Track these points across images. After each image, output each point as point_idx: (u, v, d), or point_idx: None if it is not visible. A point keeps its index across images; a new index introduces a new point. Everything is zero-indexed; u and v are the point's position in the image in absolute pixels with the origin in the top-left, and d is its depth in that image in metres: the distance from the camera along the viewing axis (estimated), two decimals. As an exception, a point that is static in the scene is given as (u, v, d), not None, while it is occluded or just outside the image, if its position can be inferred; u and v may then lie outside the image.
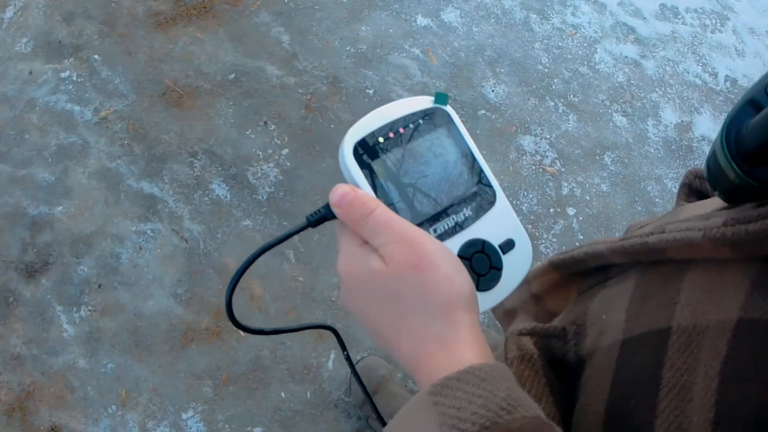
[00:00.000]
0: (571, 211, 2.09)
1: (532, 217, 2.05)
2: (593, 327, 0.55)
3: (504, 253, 0.53)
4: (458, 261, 0.47)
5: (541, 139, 2.20)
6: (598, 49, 2.43)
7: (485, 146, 2.14)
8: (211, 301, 1.79)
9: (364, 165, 0.51)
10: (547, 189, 2.11)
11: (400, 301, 0.45)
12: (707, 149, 2.29)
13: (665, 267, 0.48)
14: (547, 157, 2.17)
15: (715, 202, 0.52)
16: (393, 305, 0.45)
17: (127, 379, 1.70)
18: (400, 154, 0.52)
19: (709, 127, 2.34)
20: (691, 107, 2.38)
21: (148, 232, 1.87)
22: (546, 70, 2.34)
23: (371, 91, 2.19)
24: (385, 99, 2.16)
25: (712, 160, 0.46)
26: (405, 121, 0.53)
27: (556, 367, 0.57)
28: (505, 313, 0.75)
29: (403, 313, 0.45)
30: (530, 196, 2.09)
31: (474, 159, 0.54)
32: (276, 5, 2.30)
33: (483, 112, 2.21)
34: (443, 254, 0.46)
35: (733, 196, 0.47)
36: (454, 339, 0.43)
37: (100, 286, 1.79)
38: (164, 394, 1.69)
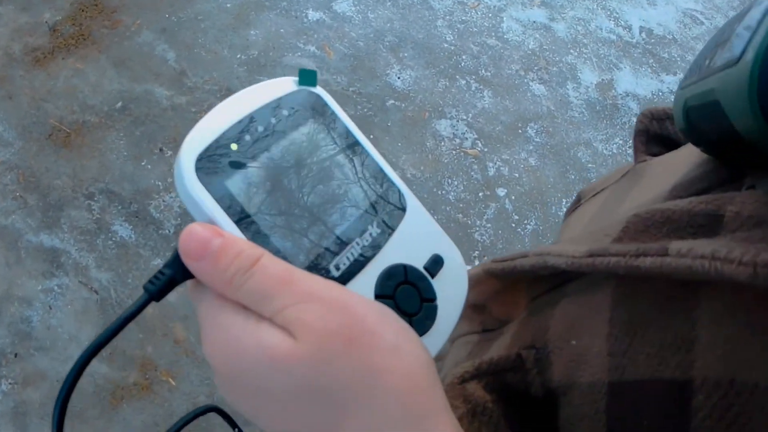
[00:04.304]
0: (501, 191, 2.13)
1: (461, 206, 2.07)
2: (560, 353, 0.43)
3: (433, 276, 0.40)
4: (395, 317, 0.33)
5: (458, 121, 2.24)
6: (505, 18, 2.47)
7: (399, 137, 2.17)
8: (135, 354, 1.80)
9: (216, 188, 0.34)
10: (472, 173, 2.15)
11: (331, 398, 0.30)
12: (632, 105, 2.36)
13: (662, 282, 0.35)
14: (466, 139, 2.21)
15: (689, 156, 0.44)
16: (318, 408, 0.30)
17: (63, 451, 1.72)
18: (265, 163, 0.36)
19: (631, 81, 2.42)
20: (609, 64, 2.45)
21: (56, 288, 1.87)
22: (452, 48, 2.37)
23: (270, 99, 2.21)
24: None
25: (697, 112, 0.37)
26: (263, 114, 0.37)
27: (519, 405, 0.45)
28: None
29: (339, 418, 0.30)
30: (455, 183, 2.12)
31: (366, 153, 0.40)
32: (157, 21, 2.29)
33: (392, 101, 2.24)
34: (377, 313, 0.32)
35: (724, 152, 0.38)
36: None
37: (16, 355, 1.79)
38: (102, 462, 1.69)
